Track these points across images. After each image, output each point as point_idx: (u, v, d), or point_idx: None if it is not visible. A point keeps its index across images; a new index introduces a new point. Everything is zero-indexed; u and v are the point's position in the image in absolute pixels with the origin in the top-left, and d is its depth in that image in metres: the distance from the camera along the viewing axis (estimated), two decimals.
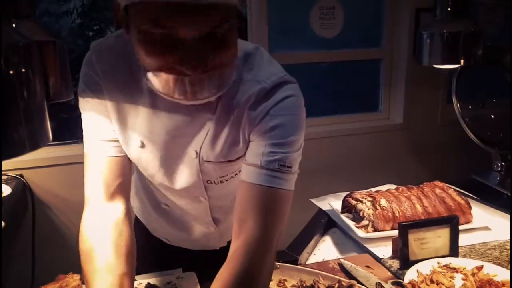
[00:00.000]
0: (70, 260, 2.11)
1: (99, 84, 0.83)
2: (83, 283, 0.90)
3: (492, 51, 1.82)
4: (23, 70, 0.44)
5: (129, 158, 0.89)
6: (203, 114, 0.82)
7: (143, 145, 0.86)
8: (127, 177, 0.90)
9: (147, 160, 0.89)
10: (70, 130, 2.56)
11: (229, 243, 0.83)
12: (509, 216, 1.40)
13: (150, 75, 0.72)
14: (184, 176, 0.90)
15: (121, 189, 0.88)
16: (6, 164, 1.87)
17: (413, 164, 2.58)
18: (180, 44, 0.66)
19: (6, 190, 1.72)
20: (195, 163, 0.87)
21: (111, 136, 0.87)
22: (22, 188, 1.90)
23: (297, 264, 1.11)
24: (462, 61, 1.50)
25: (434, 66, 1.68)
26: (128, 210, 0.90)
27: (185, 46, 0.66)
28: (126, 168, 0.90)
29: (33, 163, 1.99)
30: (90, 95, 0.84)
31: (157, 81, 0.71)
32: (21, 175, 1.95)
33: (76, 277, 0.99)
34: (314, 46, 2.44)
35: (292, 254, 1.07)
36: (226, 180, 0.92)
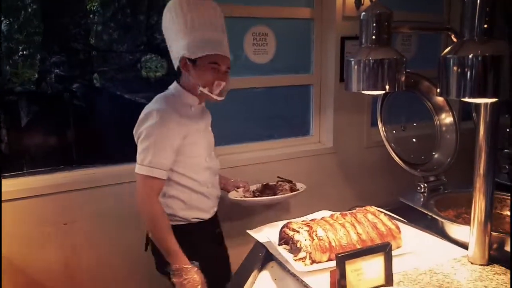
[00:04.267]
0: None
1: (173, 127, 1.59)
2: None
3: (410, 77, 1.95)
4: None
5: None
6: (209, 117, 1.82)
7: (198, 138, 1.68)
8: None
9: (203, 150, 1.71)
10: None
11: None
12: (436, 237, 1.47)
13: (204, 89, 1.61)
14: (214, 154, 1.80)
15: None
16: None
17: (345, 186, 2.66)
18: (221, 72, 1.63)
19: None
20: (213, 143, 1.82)
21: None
22: None
23: None
24: (387, 87, 1.55)
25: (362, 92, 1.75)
26: None
27: (222, 72, 1.63)
28: None
29: None
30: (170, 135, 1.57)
31: (207, 90, 1.62)
32: None
33: None
34: (247, 72, 2.46)
35: None
36: None
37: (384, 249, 1.15)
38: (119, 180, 2.09)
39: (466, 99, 1.07)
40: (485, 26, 1.05)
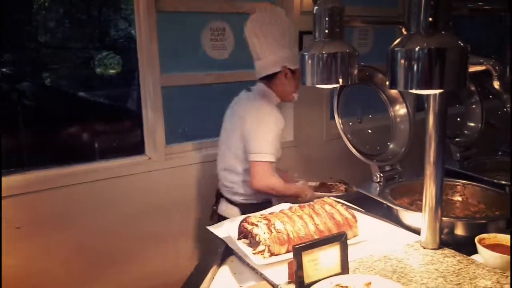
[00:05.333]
0: None
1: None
2: None
3: (365, 71, 1.99)
4: None
5: None
6: None
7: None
8: None
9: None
10: None
11: None
12: (391, 225, 1.52)
13: (295, 94, 2.10)
14: None
15: None
16: None
17: (305, 179, 2.69)
18: None
19: None
20: None
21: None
22: None
23: None
24: (340, 80, 1.58)
25: (316, 86, 1.78)
26: None
27: None
28: None
29: None
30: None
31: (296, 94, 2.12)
32: None
33: None
34: (205, 67, 2.43)
35: None
36: None
37: (340, 238, 1.17)
38: (72, 181, 2.03)
39: (413, 91, 1.10)
40: (430, 19, 1.09)
